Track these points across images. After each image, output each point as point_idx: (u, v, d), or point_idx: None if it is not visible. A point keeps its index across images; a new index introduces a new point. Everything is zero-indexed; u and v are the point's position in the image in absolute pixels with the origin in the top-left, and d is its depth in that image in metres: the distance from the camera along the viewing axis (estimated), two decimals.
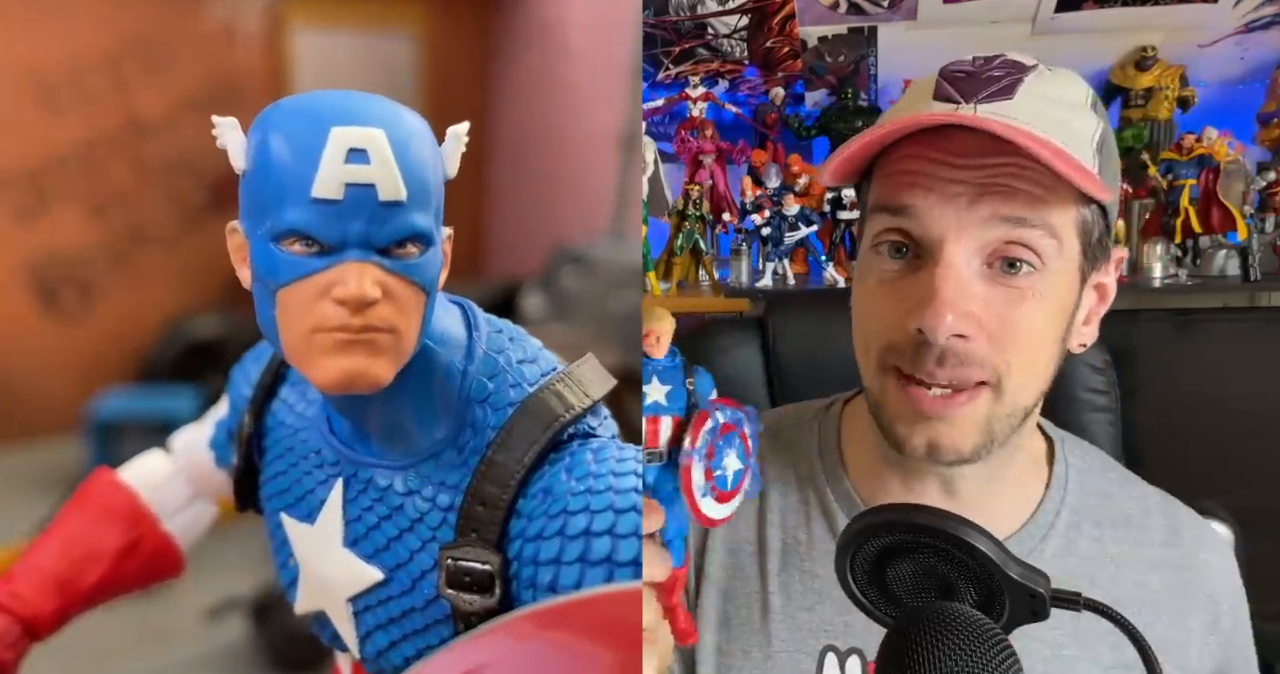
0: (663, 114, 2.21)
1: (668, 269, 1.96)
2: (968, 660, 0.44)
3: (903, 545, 0.51)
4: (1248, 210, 1.81)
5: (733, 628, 0.70)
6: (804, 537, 0.70)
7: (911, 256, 0.59)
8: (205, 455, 0.70)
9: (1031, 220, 0.56)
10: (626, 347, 2.35)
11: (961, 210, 0.56)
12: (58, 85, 2.60)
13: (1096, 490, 0.70)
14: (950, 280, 0.56)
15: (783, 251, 1.92)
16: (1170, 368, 1.37)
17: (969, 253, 0.57)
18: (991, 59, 0.60)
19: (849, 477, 0.71)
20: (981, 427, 0.59)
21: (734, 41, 2.12)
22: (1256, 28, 1.93)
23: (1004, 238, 0.56)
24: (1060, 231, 0.57)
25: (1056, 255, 0.57)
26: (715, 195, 2.07)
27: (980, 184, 0.56)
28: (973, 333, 0.56)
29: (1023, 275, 0.57)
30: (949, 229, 0.56)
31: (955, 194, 0.56)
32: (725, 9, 2.06)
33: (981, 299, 0.56)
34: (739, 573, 0.71)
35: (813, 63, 2.15)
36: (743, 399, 1.13)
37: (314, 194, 0.47)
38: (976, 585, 0.50)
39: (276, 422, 0.63)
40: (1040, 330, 0.58)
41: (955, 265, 0.56)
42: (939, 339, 0.55)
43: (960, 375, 0.57)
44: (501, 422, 0.52)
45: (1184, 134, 1.87)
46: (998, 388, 0.58)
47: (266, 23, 2.92)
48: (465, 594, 0.52)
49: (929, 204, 0.57)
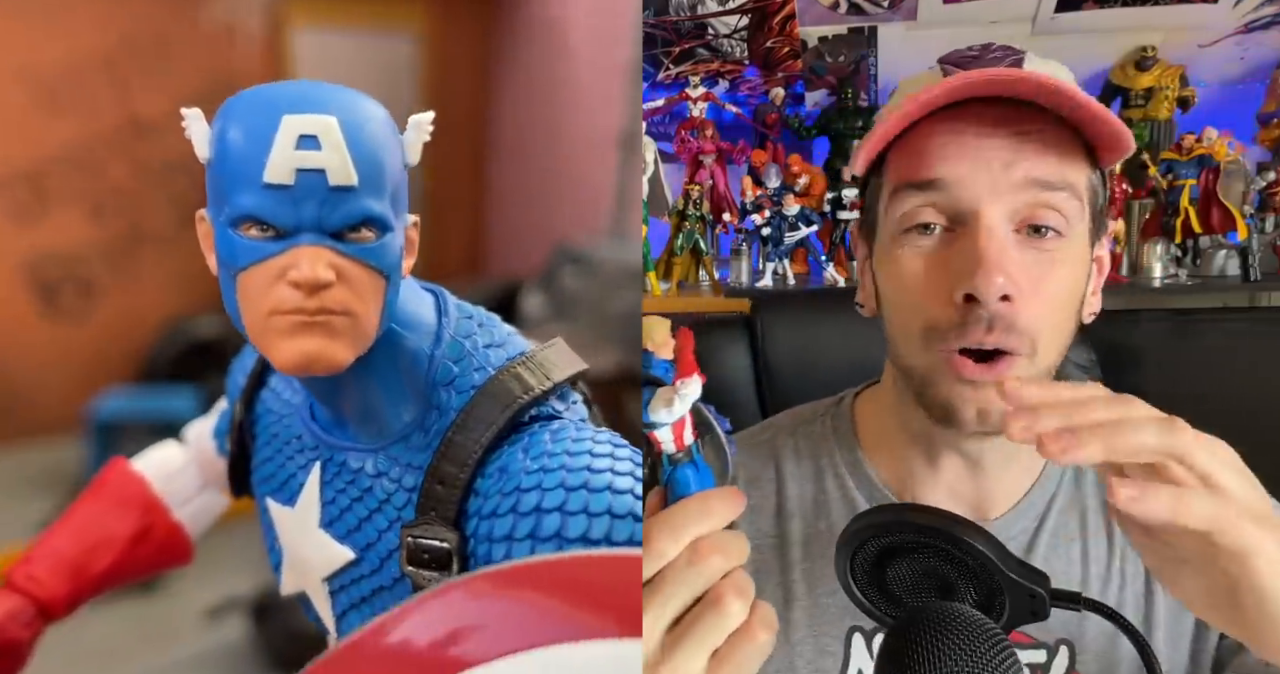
0: (663, 114, 2.21)
1: (668, 269, 1.96)
2: (968, 660, 0.44)
3: (903, 545, 0.51)
4: (1248, 210, 1.81)
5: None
6: (824, 525, 0.72)
7: (942, 231, 0.60)
8: (210, 445, 0.73)
9: (1059, 183, 0.58)
10: (626, 347, 2.35)
11: (996, 175, 0.58)
12: (57, 85, 2.59)
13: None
14: (994, 243, 0.57)
15: (783, 252, 1.92)
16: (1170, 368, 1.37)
17: (1002, 218, 0.58)
18: (987, 46, 0.63)
19: (869, 464, 0.73)
20: None
21: (734, 41, 2.12)
22: (1256, 28, 1.93)
23: (1034, 201, 0.58)
24: (1081, 192, 0.60)
25: (1079, 218, 0.60)
26: (715, 195, 2.07)
27: (1013, 149, 0.58)
28: (1015, 295, 0.57)
29: (1050, 239, 0.59)
30: (984, 195, 0.58)
31: (988, 160, 0.58)
32: (725, 9, 2.06)
33: (1017, 263, 0.58)
34: (762, 566, 0.72)
35: (813, 63, 2.15)
36: (732, 398, 1.14)
37: (266, 179, 0.48)
38: (976, 585, 0.50)
39: (265, 409, 0.65)
40: (1066, 294, 0.61)
41: (993, 228, 0.58)
42: (991, 300, 0.56)
43: (1008, 342, 0.58)
44: (463, 404, 0.53)
45: (1184, 134, 1.87)
46: (1032, 353, 0.59)
47: (266, 23, 2.91)
48: (425, 571, 0.53)
49: (961, 172, 0.59)
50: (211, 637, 1.77)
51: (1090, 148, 0.62)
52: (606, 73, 3.00)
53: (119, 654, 1.73)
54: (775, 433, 0.79)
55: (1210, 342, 1.46)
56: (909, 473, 0.70)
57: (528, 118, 3.40)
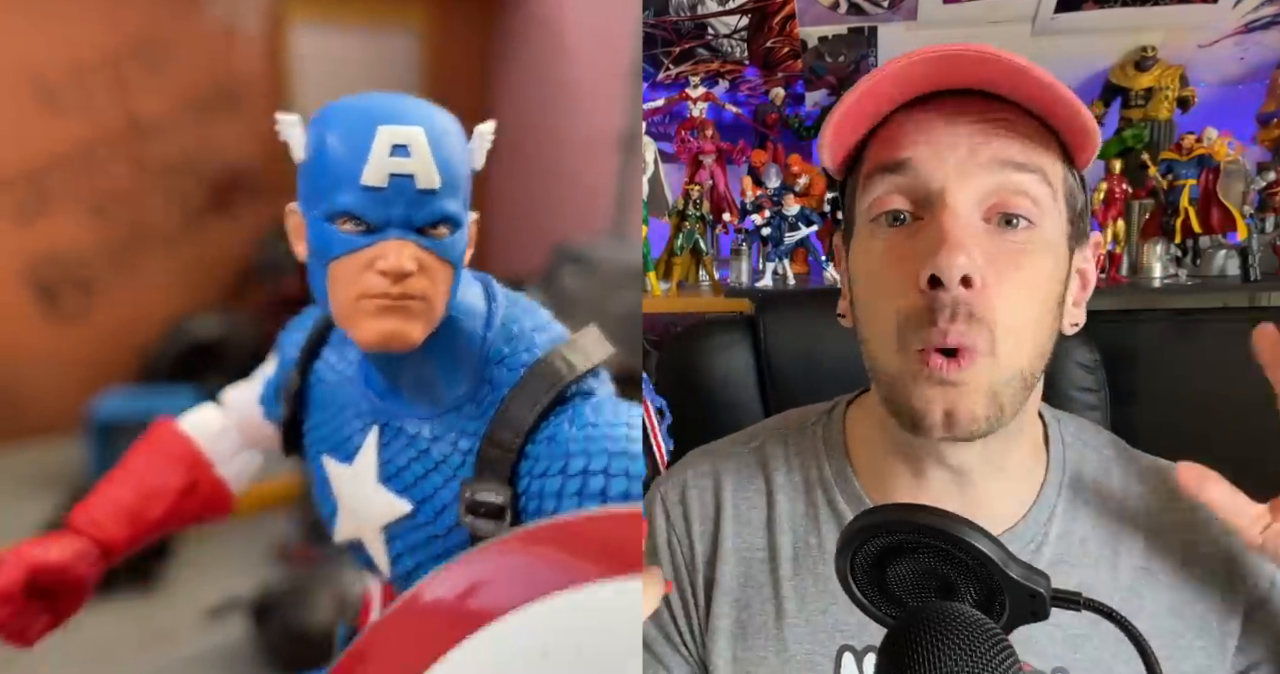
0: (663, 114, 2.21)
1: (668, 269, 1.96)
2: (968, 660, 0.44)
3: (903, 545, 0.51)
4: (1248, 210, 1.81)
5: (749, 636, 0.70)
6: (815, 540, 0.70)
7: (911, 219, 0.60)
8: (255, 410, 0.80)
9: (1029, 165, 0.58)
10: (626, 346, 2.34)
11: (962, 158, 0.57)
12: (58, 85, 2.60)
13: (1092, 467, 0.70)
14: (958, 223, 0.56)
15: (783, 251, 1.92)
16: (1170, 368, 1.37)
17: (970, 202, 0.57)
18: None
19: (858, 478, 0.71)
20: (988, 393, 0.58)
21: (734, 41, 2.12)
22: (1256, 28, 1.93)
23: (1003, 184, 0.57)
24: (1052, 179, 0.59)
25: (1051, 205, 0.59)
26: (715, 195, 2.07)
27: (979, 134, 0.58)
28: (979, 280, 0.56)
29: (1020, 229, 0.58)
30: (950, 177, 0.58)
31: (955, 142, 0.58)
32: (725, 9, 2.06)
33: (983, 251, 0.56)
34: (751, 581, 0.71)
35: (813, 63, 2.15)
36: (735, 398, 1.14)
37: (363, 182, 0.56)
38: (976, 585, 0.50)
39: (319, 379, 0.73)
40: (1035, 289, 0.59)
41: (957, 209, 0.57)
42: (954, 279, 0.55)
43: (971, 332, 0.56)
44: (515, 380, 0.63)
45: (1184, 134, 1.87)
46: (992, 348, 0.57)
47: (267, 22, 2.91)
48: (480, 521, 0.61)
49: (928, 154, 0.58)
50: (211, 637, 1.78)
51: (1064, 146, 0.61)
52: (606, 73, 3.00)
53: (119, 654, 1.74)
54: (765, 440, 0.77)
55: (1210, 342, 1.46)
56: (895, 487, 0.68)
57: (528, 117, 3.40)
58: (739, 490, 0.74)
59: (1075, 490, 0.69)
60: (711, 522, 0.73)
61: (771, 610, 0.70)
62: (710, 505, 0.74)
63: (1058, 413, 0.74)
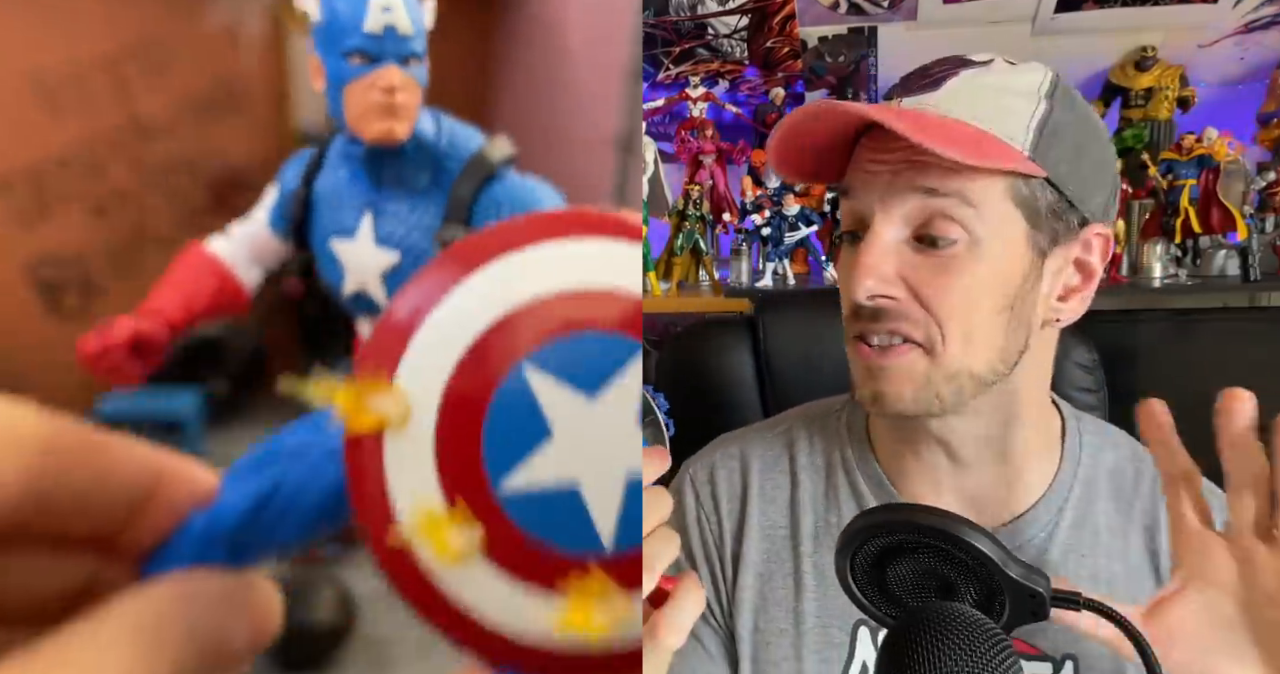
0: (663, 114, 2.21)
1: (668, 269, 1.96)
2: (968, 660, 0.44)
3: (903, 545, 0.51)
4: (1248, 210, 1.81)
5: (769, 608, 0.73)
6: (835, 519, 0.74)
7: (858, 238, 0.65)
8: (264, 231, 1.06)
9: (943, 190, 0.61)
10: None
11: (884, 186, 0.62)
12: (59, 88, 2.61)
13: (1109, 463, 0.73)
14: (872, 248, 0.62)
15: (783, 251, 1.92)
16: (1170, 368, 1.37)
17: (895, 224, 0.62)
18: (947, 59, 0.66)
19: (878, 459, 0.74)
20: (918, 382, 0.63)
21: (734, 42, 2.12)
22: (1256, 28, 1.93)
23: (923, 209, 0.61)
24: (976, 199, 0.61)
25: (978, 223, 0.61)
26: (715, 195, 2.07)
27: (899, 163, 0.62)
28: (900, 295, 0.62)
29: (945, 248, 0.62)
30: (874, 203, 0.63)
31: (879, 171, 0.63)
32: (725, 9, 2.06)
33: (910, 265, 0.62)
34: (775, 556, 0.74)
35: (813, 63, 2.15)
36: (735, 398, 1.14)
37: (365, 30, 0.85)
38: (976, 585, 0.50)
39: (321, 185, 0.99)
40: (972, 299, 0.62)
41: (878, 235, 0.62)
42: (861, 300, 0.61)
43: (893, 330, 0.63)
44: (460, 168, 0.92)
45: (1184, 134, 1.87)
46: (931, 350, 0.62)
47: (267, 25, 2.93)
48: None
49: (860, 182, 0.64)
50: None
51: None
52: (605, 74, 3.01)
53: None
54: (791, 425, 0.81)
55: (1210, 342, 1.46)
56: (904, 467, 0.72)
57: (527, 118, 3.41)
58: (765, 471, 0.78)
59: (1090, 484, 0.72)
60: (739, 500, 0.78)
61: (791, 585, 0.73)
62: (738, 485, 0.78)
63: (1080, 414, 0.77)
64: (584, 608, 0.17)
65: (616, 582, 0.17)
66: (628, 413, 0.18)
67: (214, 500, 0.21)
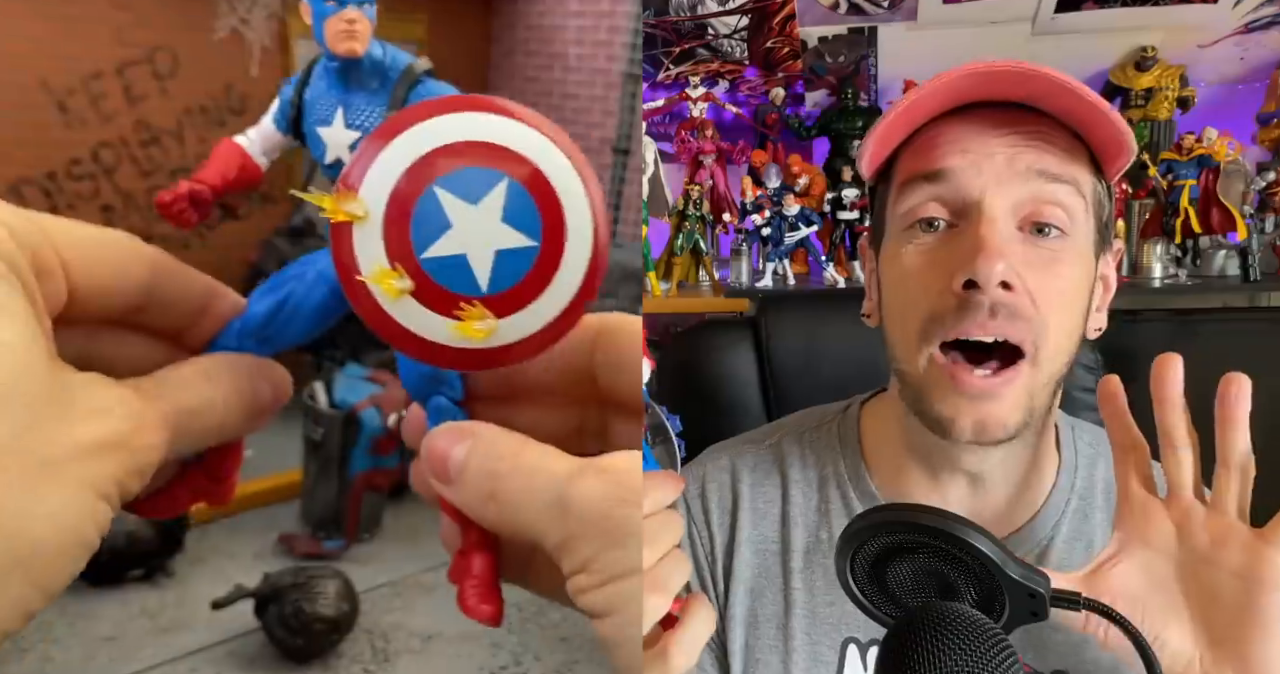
0: (663, 114, 2.21)
1: (668, 269, 1.96)
2: (968, 660, 0.44)
3: (903, 545, 0.51)
4: (1248, 210, 1.81)
5: (760, 624, 0.72)
6: (826, 535, 0.72)
7: (946, 226, 0.61)
8: (271, 128, 1.40)
9: (1063, 176, 0.59)
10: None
11: (1000, 167, 0.59)
12: (72, 95, 2.69)
13: (1103, 474, 0.72)
14: (996, 231, 0.57)
15: (783, 252, 1.92)
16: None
17: (1006, 211, 0.59)
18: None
19: (871, 475, 0.72)
20: (1024, 402, 0.59)
21: (734, 42, 2.12)
22: (1256, 28, 1.93)
23: (1038, 194, 0.59)
24: (1084, 190, 0.60)
25: (1083, 216, 0.60)
26: (715, 195, 2.07)
27: (1015, 145, 0.59)
28: (1017, 284, 0.57)
29: (1053, 239, 0.59)
30: (988, 185, 0.59)
31: (992, 151, 0.59)
32: (725, 9, 2.06)
33: (1020, 257, 0.58)
34: (765, 572, 0.73)
35: (813, 63, 2.15)
36: (737, 398, 1.14)
37: None
38: (976, 585, 0.50)
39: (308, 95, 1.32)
40: (1070, 295, 0.60)
41: (997, 219, 0.58)
42: (992, 283, 0.56)
43: (1012, 332, 0.57)
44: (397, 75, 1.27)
45: (1184, 134, 1.87)
46: (1035, 355, 0.58)
47: (272, 33, 2.97)
48: None
49: (966, 163, 0.60)
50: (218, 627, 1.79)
51: (1094, 158, 0.63)
52: (600, 80, 3.03)
53: (129, 644, 1.75)
54: (781, 438, 0.78)
55: (1210, 342, 1.46)
56: (910, 487, 0.69)
57: None
58: (756, 485, 0.76)
59: (1085, 497, 0.70)
60: (729, 514, 0.75)
61: (781, 601, 0.71)
62: (728, 498, 0.76)
63: (1072, 419, 0.75)
64: (469, 323, 0.30)
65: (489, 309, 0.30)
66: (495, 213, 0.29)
67: (244, 311, 0.33)
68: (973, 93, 0.61)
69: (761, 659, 0.71)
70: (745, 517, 0.74)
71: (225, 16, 2.88)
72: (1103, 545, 0.68)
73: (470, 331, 0.29)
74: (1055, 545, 0.68)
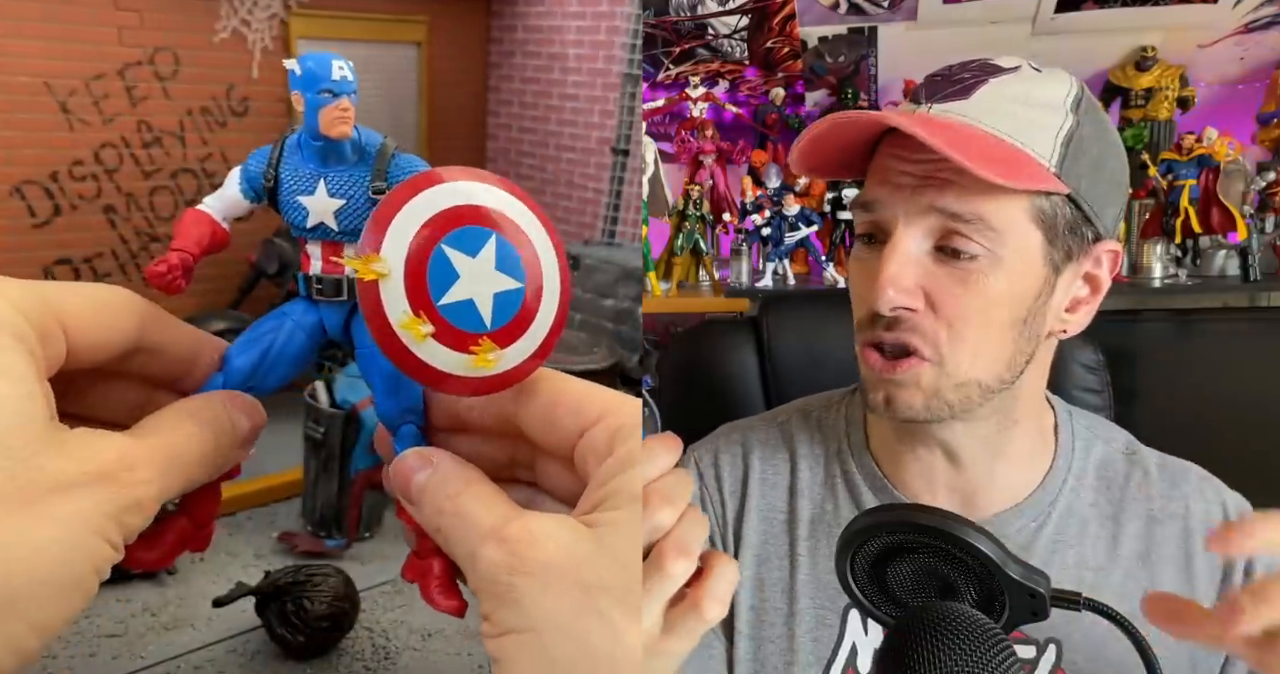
0: (663, 114, 2.21)
1: (668, 269, 1.96)
2: (968, 660, 0.44)
3: (903, 545, 0.51)
4: (1248, 210, 1.81)
5: (765, 588, 0.75)
6: (830, 507, 0.76)
7: (877, 243, 0.65)
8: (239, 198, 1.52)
9: (965, 215, 0.61)
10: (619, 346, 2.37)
11: (907, 199, 0.62)
12: (75, 96, 2.72)
13: (1099, 457, 0.75)
14: (894, 260, 0.62)
15: (783, 252, 1.92)
16: (1170, 368, 1.37)
17: (918, 236, 0.63)
18: (969, 62, 0.65)
19: (872, 452, 0.76)
20: (928, 391, 0.64)
21: (734, 42, 2.12)
22: (1256, 28, 1.93)
23: (944, 228, 0.62)
24: (999, 224, 0.61)
25: (999, 245, 0.61)
26: (715, 195, 2.07)
27: (922, 176, 0.62)
28: (918, 306, 0.62)
29: (965, 260, 0.62)
30: (898, 215, 0.63)
31: (902, 184, 0.63)
32: (725, 9, 2.06)
33: (930, 275, 0.62)
34: (772, 539, 0.77)
35: (813, 63, 2.15)
36: (739, 397, 1.14)
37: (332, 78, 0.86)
38: (976, 585, 0.50)
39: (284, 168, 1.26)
40: (988, 313, 0.63)
41: (900, 246, 0.62)
42: (883, 310, 0.62)
43: (902, 340, 0.63)
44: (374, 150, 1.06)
45: (1184, 134, 1.87)
46: (938, 360, 0.63)
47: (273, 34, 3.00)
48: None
49: (884, 194, 0.64)
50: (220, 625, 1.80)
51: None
52: (601, 81, 3.04)
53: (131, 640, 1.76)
54: (791, 416, 0.83)
55: (1210, 341, 1.46)
56: (900, 463, 0.74)
57: (524, 125, 3.47)
58: (766, 458, 0.80)
59: (1081, 477, 0.73)
60: (740, 483, 0.80)
61: (787, 566, 0.75)
62: (740, 469, 0.81)
63: (1072, 408, 0.78)
64: (483, 355, 0.35)
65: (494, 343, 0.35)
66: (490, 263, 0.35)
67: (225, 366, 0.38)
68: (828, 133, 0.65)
69: (766, 621, 0.75)
70: (755, 487, 0.79)
71: (227, 18, 2.91)
72: (1096, 521, 0.72)
73: (483, 362, 0.35)
74: (1051, 521, 0.72)
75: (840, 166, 0.69)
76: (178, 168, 2.88)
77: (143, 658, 1.70)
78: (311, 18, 3.07)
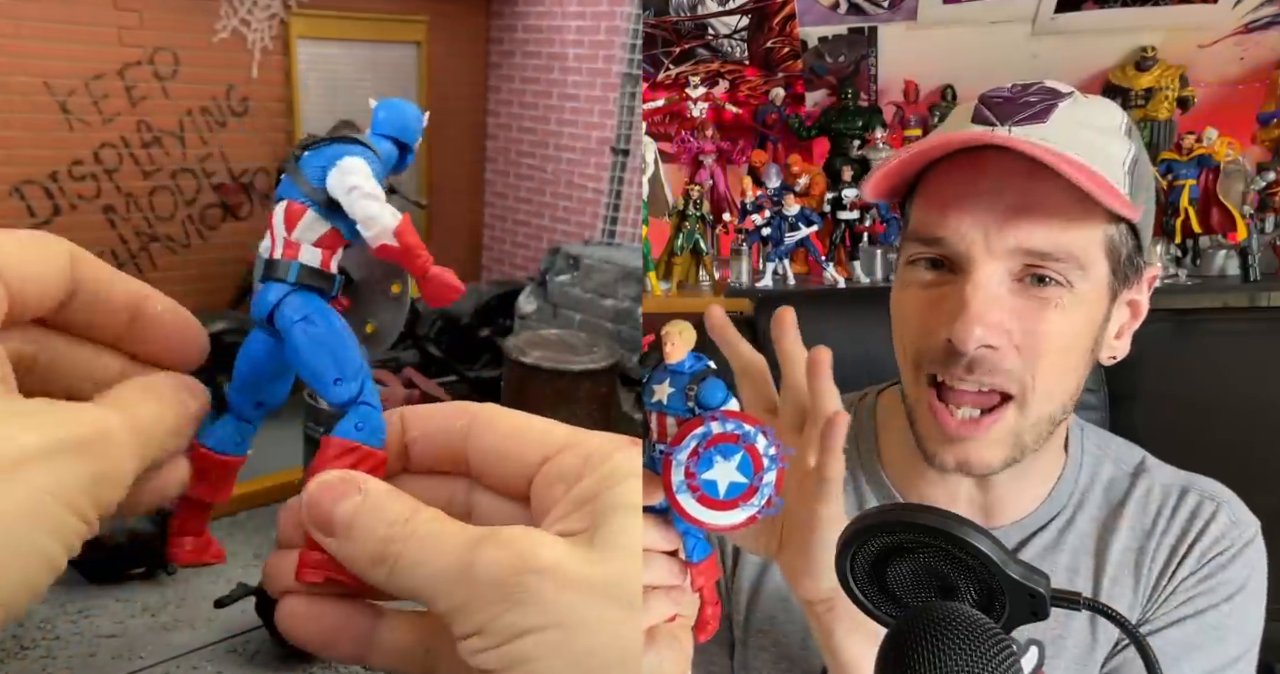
0: (663, 114, 2.21)
1: (668, 269, 1.96)
2: (968, 660, 0.44)
3: (903, 545, 0.51)
4: (1248, 210, 1.81)
5: (761, 596, 0.75)
6: None
7: (945, 270, 0.63)
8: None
9: (1055, 253, 0.59)
10: (619, 345, 2.36)
11: (991, 235, 0.60)
12: (76, 97, 2.72)
13: (1107, 475, 0.75)
14: (979, 297, 0.59)
15: (783, 252, 1.92)
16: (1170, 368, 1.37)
17: (1000, 271, 0.60)
18: (1029, 85, 0.64)
19: (883, 465, 0.75)
20: (1009, 442, 0.62)
21: (734, 42, 2.12)
22: (1256, 28, 1.93)
23: (1029, 262, 0.60)
24: (1085, 259, 0.60)
25: (1081, 280, 0.60)
26: (715, 195, 2.07)
27: (1008, 206, 0.59)
28: (1001, 344, 0.60)
29: (1050, 288, 0.60)
30: (979, 252, 0.60)
31: (984, 220, 0.60)
32: (725, 9, 2.06)
33: (1010, 310, 0.60)
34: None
35: (813, 63, 2.15)
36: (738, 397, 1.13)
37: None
38: (976, 585, 0.50)
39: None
40: (1065, 341, 0.61)
41: (985, 284, 0.59)
42: (968, 349, 0.59)
43: (988, 382, 0.60)
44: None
45: (1184, 134, 1.87)
46: (1022, 400, 0.61)
47: (273, 34, 2.99)
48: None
49: (960, 231, 0.60)
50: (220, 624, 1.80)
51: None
52: (600, 80, 3.03)
53: (131, 640, 1.76)
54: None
55: (1210, 341, 1.46)
56: (922, 479, 0.72)
57: (524, 126, 3.46)
58: None
59: (1086, 492, 0.74)
60: None
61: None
62: None
63: (1081, 422, 0.78)
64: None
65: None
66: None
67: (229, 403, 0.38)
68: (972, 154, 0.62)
69: (763, 630, 0.74)
70: None
71: (226, 18, 2.90)
72: (1094, 533, 0.72)
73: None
74: (1049, 530, 0.72)
75: (889, 191, 0.67)
76: (177, 168, 2.88)
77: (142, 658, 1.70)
78: (311, 18, 3.06)
